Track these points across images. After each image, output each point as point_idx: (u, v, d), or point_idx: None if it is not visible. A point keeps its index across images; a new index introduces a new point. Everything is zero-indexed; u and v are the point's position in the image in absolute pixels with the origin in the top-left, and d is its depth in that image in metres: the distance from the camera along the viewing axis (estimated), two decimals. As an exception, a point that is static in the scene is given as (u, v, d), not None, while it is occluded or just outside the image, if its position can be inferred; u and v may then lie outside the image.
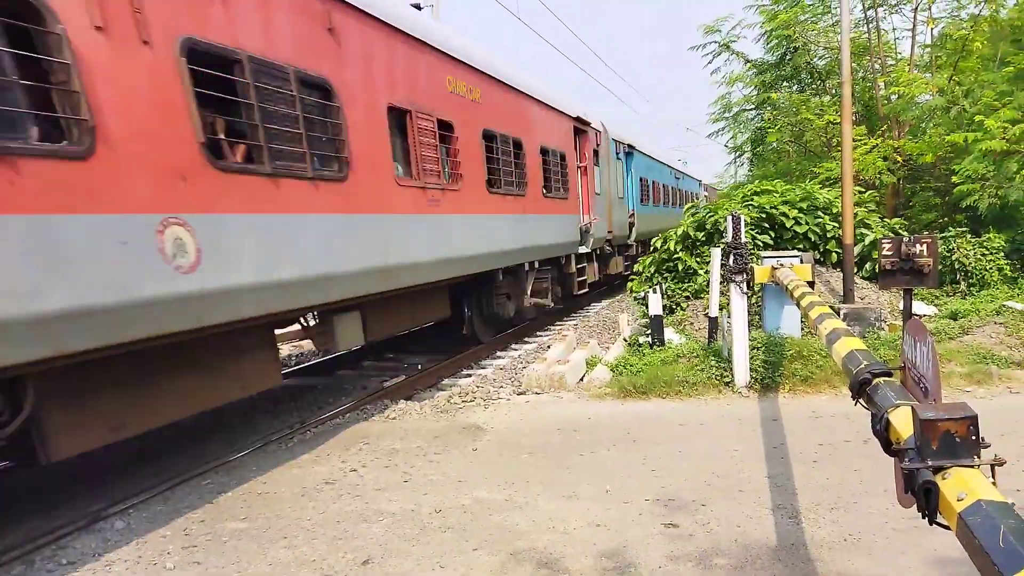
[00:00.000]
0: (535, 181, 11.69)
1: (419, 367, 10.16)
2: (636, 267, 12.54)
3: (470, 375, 9.67)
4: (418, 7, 9.16)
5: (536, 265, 11.84)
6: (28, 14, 3.95)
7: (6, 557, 4.59)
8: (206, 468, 6.21)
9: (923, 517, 1.97)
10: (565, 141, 13.56)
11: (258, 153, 5.54)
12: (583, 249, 14.32)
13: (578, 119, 14.49)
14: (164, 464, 6.49)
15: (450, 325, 11.21)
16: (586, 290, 14.79)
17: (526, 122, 11.51)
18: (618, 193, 17.50)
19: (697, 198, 32.75)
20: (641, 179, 20.28)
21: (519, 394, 8.25)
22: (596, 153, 15.79)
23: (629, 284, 12.98)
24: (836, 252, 11.15)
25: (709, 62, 21.68)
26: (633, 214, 19.15)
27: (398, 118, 7.67)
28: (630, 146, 19.13)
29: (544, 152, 12.18)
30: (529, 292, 11.90)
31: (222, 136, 5.39)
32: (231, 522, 4.98)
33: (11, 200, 3.76)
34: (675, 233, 12.06)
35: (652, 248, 12.40)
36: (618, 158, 17.69)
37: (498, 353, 11.22)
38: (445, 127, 8.70)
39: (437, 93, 8.57)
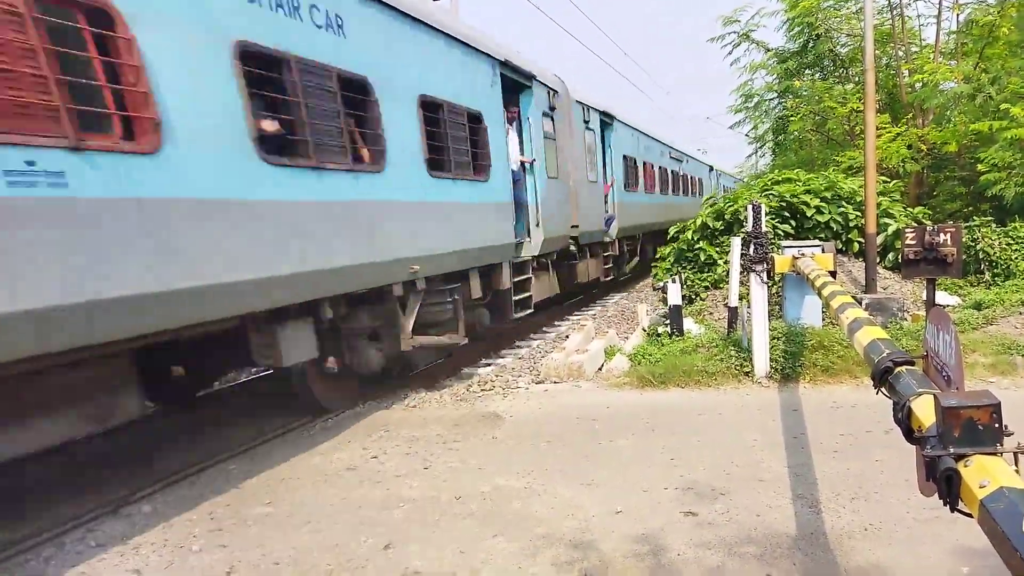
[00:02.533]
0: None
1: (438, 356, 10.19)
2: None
3: (489, 364, 9.71)
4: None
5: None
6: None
7: (38, 540, 4.71)
8: (231, 454, 6.30)
9: (944, 504, 1.97)
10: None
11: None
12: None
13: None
14: (191, 450, 6.59)
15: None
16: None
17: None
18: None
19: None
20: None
21: (538, 383, 8.28)
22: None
23: (653, 273, 12.92)
24: (858, 241, 11.06)
25: (729, 53, 21.49)
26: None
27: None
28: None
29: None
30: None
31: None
32: (256, 507, 5.07)
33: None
34: (694, 223, 12.01)
35: (669, 238, 12.35)
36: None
37: (516, 343, 11.24)
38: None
39: None
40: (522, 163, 10.35)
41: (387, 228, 6.95)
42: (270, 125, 5.54)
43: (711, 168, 32.85)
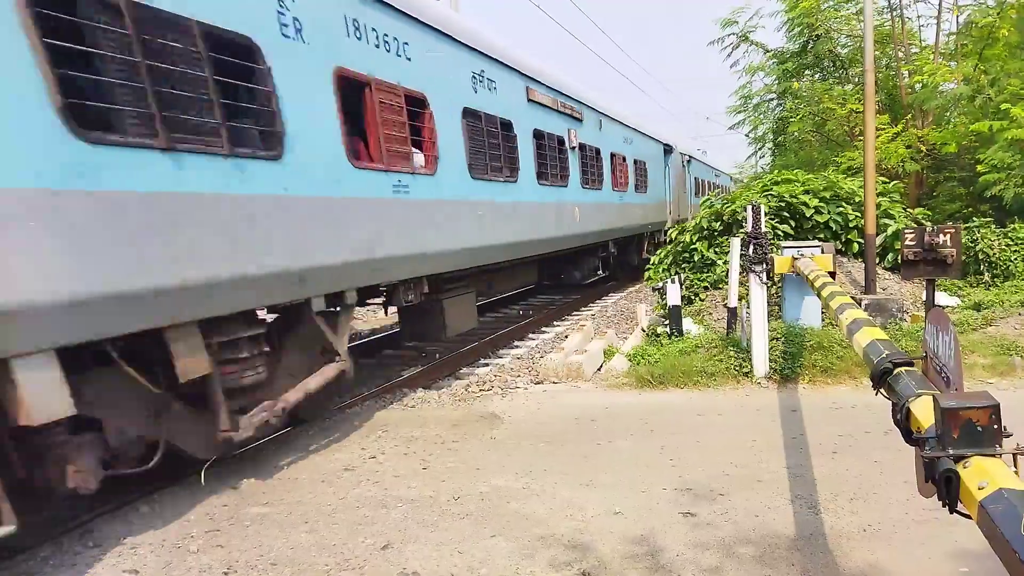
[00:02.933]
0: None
1: (437, 356, 10.20)
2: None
3: (488, 364, 9.71)
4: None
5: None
6: None
7: (34, 540, 4.69)
8: (228, 453, 6.28)
9: (943, 506, 1.96)
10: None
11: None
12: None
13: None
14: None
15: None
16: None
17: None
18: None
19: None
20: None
21: (536, 383, 8.27)
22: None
23: (646, 274, 12.90)
24: (858, 242, 11.03)
25: (728, 55, 21.48)
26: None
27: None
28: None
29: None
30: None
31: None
32: (253, 507, 5.06)
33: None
34: (691, 224, 11.99)
35: (668, 239, 12.34)
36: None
37: (515, 343, 11.24)
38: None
39: None
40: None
41: None
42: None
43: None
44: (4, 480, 3.94)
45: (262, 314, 5.84)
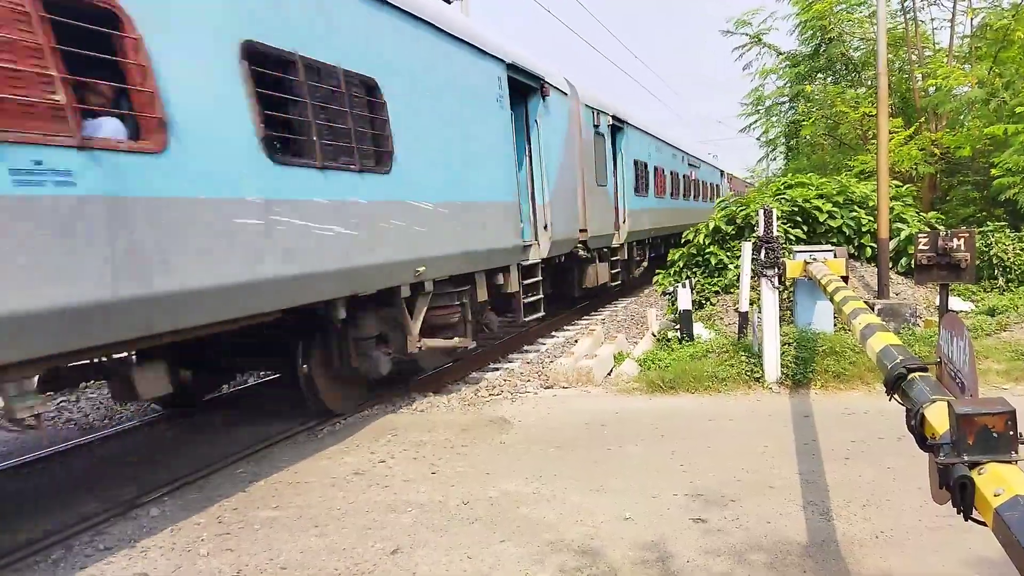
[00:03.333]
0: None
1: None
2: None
3: (497, 369, 9.69)
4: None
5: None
6: None
7: (46, 542, 4.72)
8: (238, 457, 6.31)
9: (958, 513, 1.94)
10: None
11: None
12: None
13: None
14: (198, 453, 6.60)
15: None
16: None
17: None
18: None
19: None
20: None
21: (546, 388, 8.25)
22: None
23: (656, 278, 12.87)
24: (871, 247, 10.97)
25: (740, 56, 21.45)
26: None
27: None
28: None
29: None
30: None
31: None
32: (263, 510, 5.07)
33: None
34: (705, 227, 11.95)
35: (684, 241, 12.30)
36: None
37: (525, 347, 11.22)
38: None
39: None
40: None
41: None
42: None
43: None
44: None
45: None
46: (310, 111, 5.66)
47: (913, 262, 8.71)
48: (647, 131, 17.44)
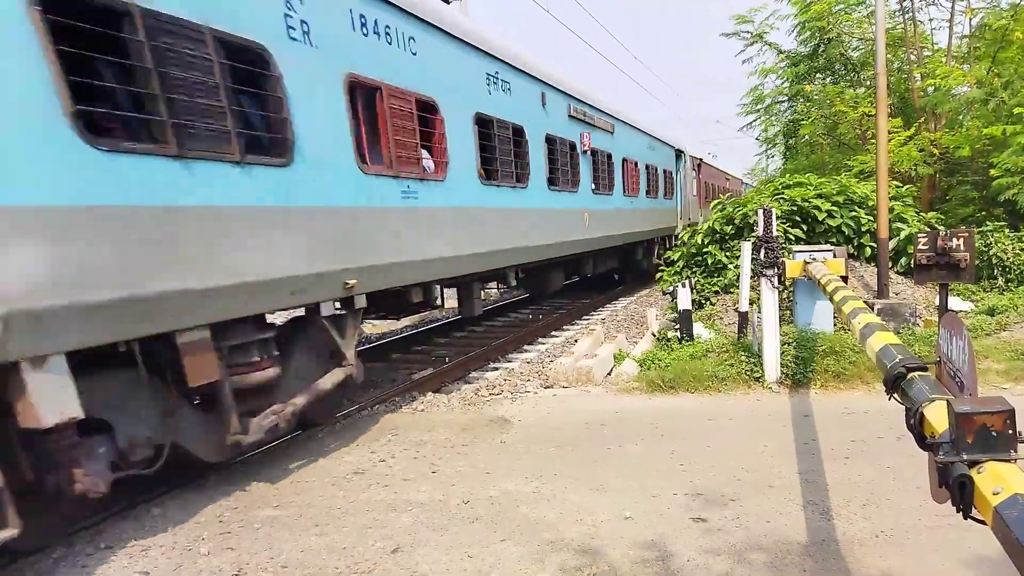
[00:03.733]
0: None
1: (446, 360, 10.22)
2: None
3: (497, 368, 9.70)
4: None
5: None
6: None
7: (46, 541, 4.72)
8: (238, 456, 6.31)
9: (957, 512, 1.94)
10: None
11: None
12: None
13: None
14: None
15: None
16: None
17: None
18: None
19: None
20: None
21: (546, 387, 8.26)
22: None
23: (658, 277, 12.88)
24: (870, 246, 10.98)
25: (742, 51, 21.49)
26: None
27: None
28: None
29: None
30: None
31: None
32: (263, 509, 5.07)
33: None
34: (702, 227, 11.97)
35: (681, 241, 12.31)
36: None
37: (525, 347, 11.24)
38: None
39: None
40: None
41: None
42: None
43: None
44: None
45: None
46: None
47: (913, 262, 8.72)
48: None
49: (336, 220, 6.06)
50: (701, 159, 25.71)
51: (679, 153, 21.81)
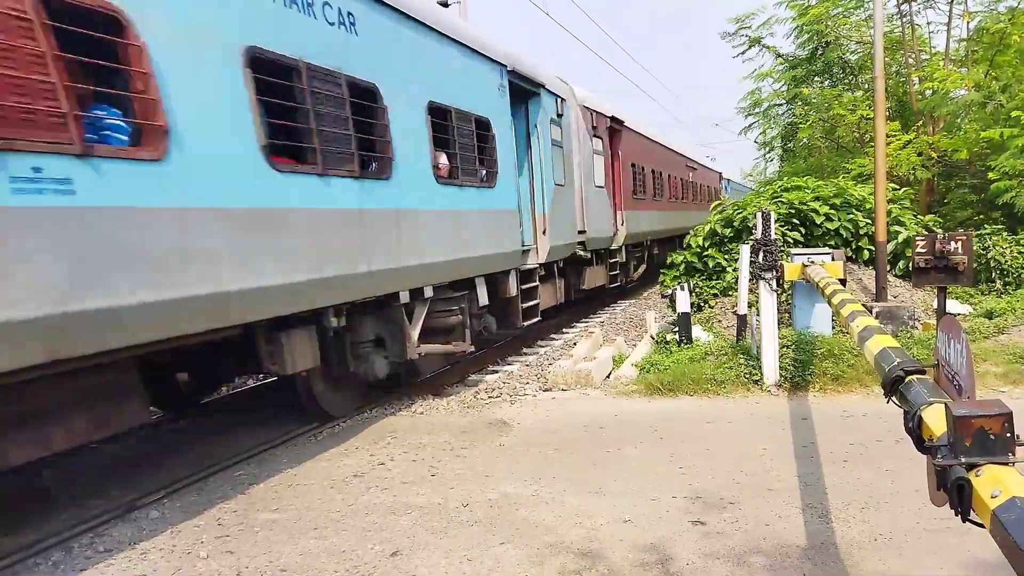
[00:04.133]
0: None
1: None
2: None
3: (496, 371, 9.70)
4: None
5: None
6: None
7: (46, 544, 4.72)
8: (238, 459, 6.31)
9: (956, 515, 1.95)
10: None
11: None
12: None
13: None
14: (198, 455, 6.60)
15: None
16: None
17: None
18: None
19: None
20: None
21: (545, 390, 8.26)
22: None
23: (660, 279, 12.88)
24: (869, 249, 11.00)
25: (740, 53, 21.54)
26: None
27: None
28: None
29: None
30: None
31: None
32: (263, 512, 5.07)
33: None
34: (702, 230, 11.98)
35: (685, 245, 12.32)
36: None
37: (524, 349, 11.23)
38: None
39: None
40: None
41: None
42: None
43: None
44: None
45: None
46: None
47: (911, 265, 8.74)
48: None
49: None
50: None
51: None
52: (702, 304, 11.02)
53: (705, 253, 11.62)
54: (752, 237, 9.20)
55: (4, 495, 6.01)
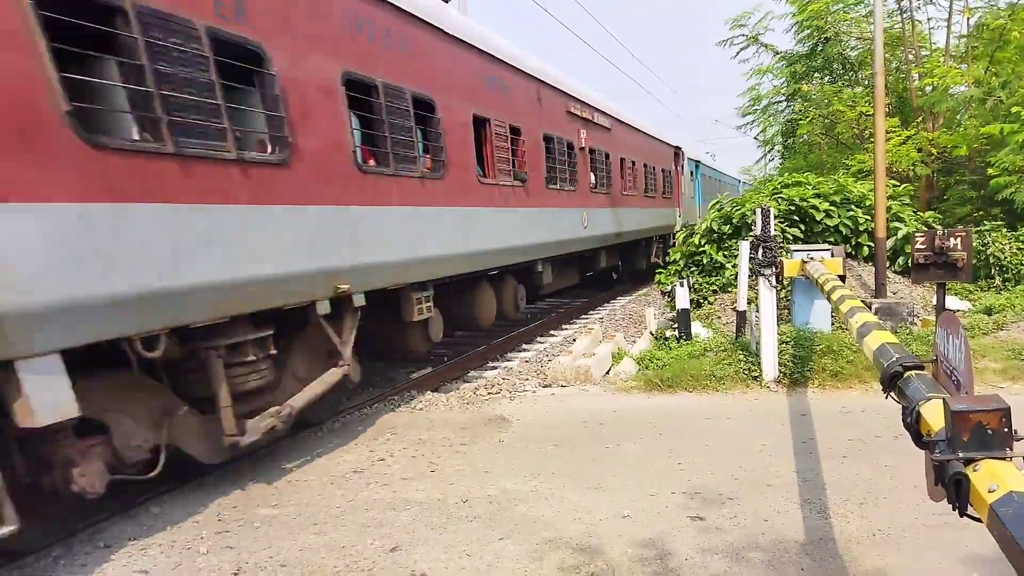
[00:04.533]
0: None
1: (445, 359, 10.21)
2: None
3: (495, 367, 9.71)
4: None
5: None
6: None
7: (46, 540, 4.73)
8: (237, 455, 6.31)
9: (954, 509, 1.96)
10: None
11: None
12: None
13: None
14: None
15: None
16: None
17: None
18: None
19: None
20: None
21: (545, 387, 8.27)
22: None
23: (657, 277, 12.89)
24: (868, 246, 11.00)
25: (736, 54, 21.50)
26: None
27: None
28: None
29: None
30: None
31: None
32: (262, 508, 5.08)
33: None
34: (700, 227, 11.98)
35: (682, 240, 12.32)
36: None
37: (523, 346, 11.24)
38: None
39: None
40: None
41: None
42: None
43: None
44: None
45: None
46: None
47: (910, 261, 8.74)
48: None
49: None
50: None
51: None
52: (701, 300, 11.02)
53: (701, 249, 11.62)
54: (752, 233, 9.19)
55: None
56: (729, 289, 10.86)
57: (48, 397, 3.84)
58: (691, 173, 24.05)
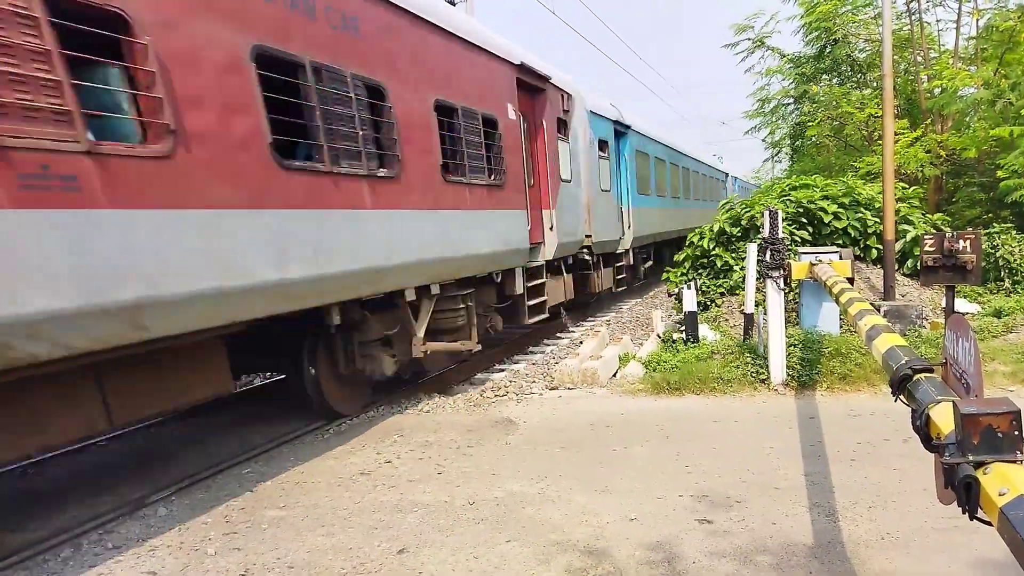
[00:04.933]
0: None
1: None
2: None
3: (503, 370, 9.71)
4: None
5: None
6: None
7: (55, 540, 4.76)
8: (246, 457, 6.34)
9: (963, 513, 1.95)
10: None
11: None
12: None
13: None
14: (206, 453, 6.64)
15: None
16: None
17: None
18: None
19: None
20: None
21: (551, 389, 8.27)
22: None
23: (665, 277, 12.86)
24: (876, 248, 10.95)
25: (743, 60, 21.44)
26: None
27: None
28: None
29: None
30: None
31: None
32: (270, 510, 5.09)
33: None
34: (709, 229, 11.95)
35: (688, 243, 12.29)
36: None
37: (530, 349, 11.24)
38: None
39: None
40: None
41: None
42: None
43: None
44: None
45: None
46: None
47: (919, 264, 8.71)
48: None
49: None
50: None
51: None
52: (709, 303, 10.99)
53: (712, 252, 11.60)
54: (759, 236, 9.17)
55: (14, 491, 6.06)
56: (736, 292, 10.83)
57: None
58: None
